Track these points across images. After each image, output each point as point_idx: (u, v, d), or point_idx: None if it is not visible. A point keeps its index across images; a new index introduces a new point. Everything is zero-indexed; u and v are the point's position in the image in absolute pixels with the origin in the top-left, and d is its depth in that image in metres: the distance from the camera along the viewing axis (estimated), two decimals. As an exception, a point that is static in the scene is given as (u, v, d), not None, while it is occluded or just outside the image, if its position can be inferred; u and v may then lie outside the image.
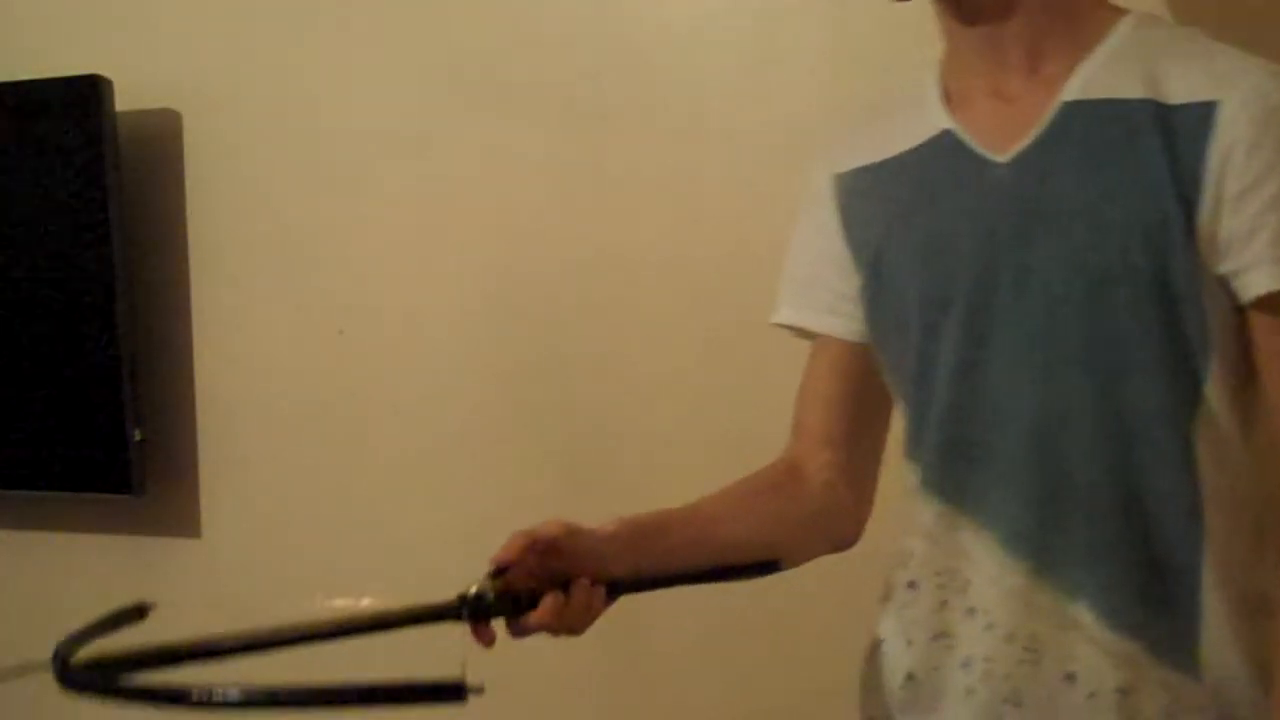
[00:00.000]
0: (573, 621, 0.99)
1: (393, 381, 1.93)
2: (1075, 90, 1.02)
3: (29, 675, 0.96)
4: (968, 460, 1.05)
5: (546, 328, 1.84)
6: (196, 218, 2.02)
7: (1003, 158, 1.04)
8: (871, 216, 1.13)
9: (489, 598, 0.95)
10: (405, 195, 1.90)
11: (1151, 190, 0.96)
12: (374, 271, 1.93)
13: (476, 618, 0.94)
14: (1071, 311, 0.99)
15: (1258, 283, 0.96)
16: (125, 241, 1.97)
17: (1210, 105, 0.96)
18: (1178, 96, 0.98)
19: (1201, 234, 0.96)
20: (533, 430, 1.85)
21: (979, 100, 1.07)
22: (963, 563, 1.05)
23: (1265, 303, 0.97)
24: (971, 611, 1.04)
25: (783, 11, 1.68)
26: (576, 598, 0.98)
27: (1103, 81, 1.01)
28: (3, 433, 2.08)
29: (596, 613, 1.00)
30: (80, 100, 1.94)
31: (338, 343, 1.95)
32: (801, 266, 1.20)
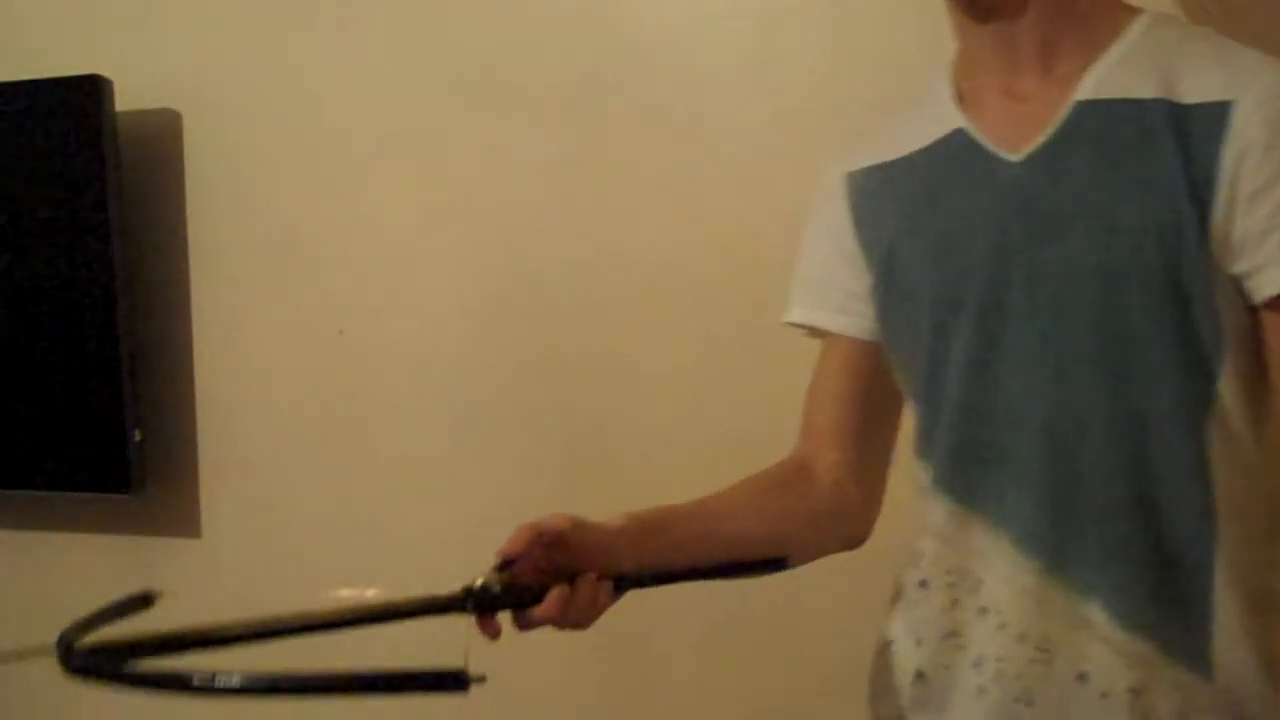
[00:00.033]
0: (578, 616, 0.98)
1: (393, 381, 1.93)
2: (1089, 90, 1.01)
3: (34, 660, 0.95)
4: (980, 460, 1.04)
5: (546, 328, 1.84)
6: (196, 218, 2.02)
7: (1015, 157, 1.03)
8: (883, 215, 1.12)
9: (495, 590, 0.94)
10: (405, 195, 1.90)
11: (1165, 190, 0.96)
12: (374, 271, 1.93)
13: (482, 610, 0.94)
14: (1084, 311, 0.99)
15: (1271, 283, 0.96)
16: (125, 241, 1.97)
17: (1225, 105, 0.96)
18: (1192, 96, 0.97)
19: (1215, 234, 0.96)
20: (533, 430, 1.85)
21: (991, 99, 1.07)
22: (975, 562, 1.05)
23: (1278, 303, 0.97)
24: (983, 611, 1.04)
25: (783, 11, 1.68)
26: (582, 592, 0.97)
27: (1117, 81, 1.01)
28: (3, 433, 2.07)
29: (602, 607, 1.00)
30: (80, 100, 1.94)
31: (338, 343, 1.95)
32: (813, 266, 1.20)
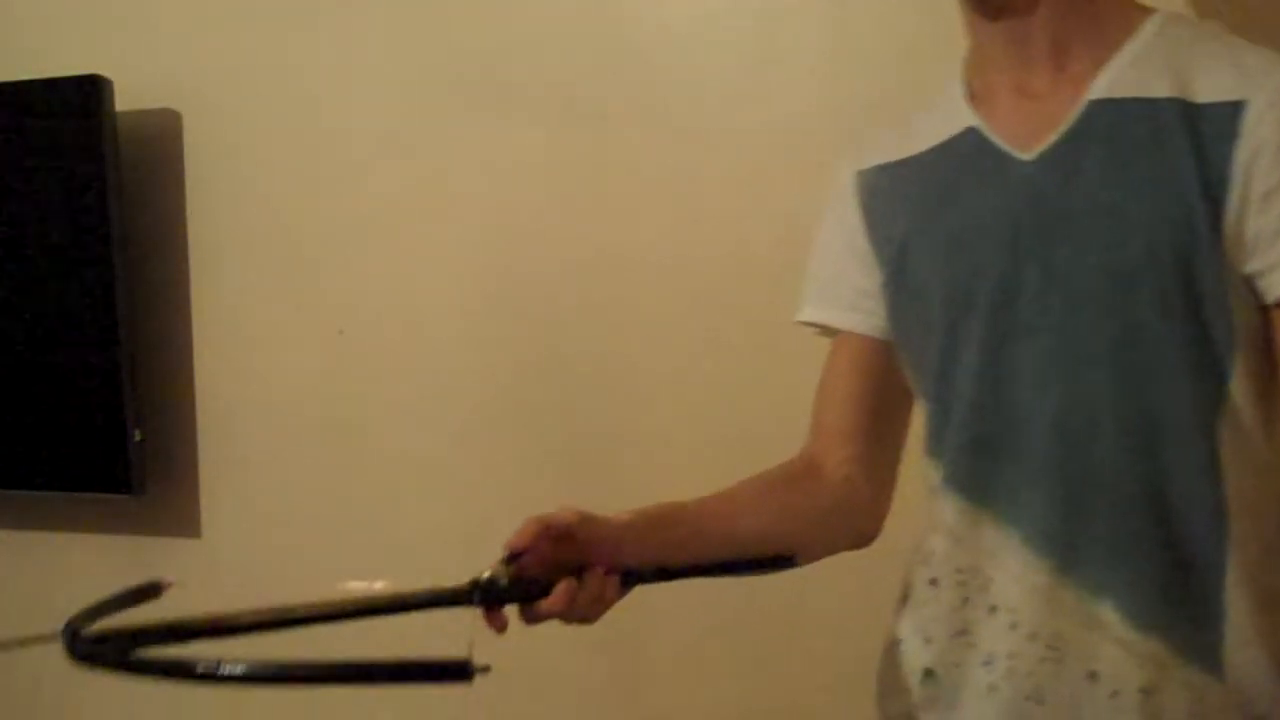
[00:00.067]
0: (585, 610, 0.97)
1: (393, 381, 1.93)
2: (1102, 89, 1.01)
3: (40, 648, 0.95)
4: (991, 458, 1.04)
5: (546, 328, 1.84)
6: (196, 218, 2.01)
7: (1028, 155, 1.03)
8: (894, 213, 1.12)
9: (502, 583, 0.93)
10: (405, 195, 1.90)
11: (1178, 189, 0.96)
12: (374, 271, 1.93)
13: (489, 603, 0.93)
14: (1096, 310, 0.99)
15: None
16: (125, 241, 1.97)
17: (1238, 105, 0.96)
18: (1205, 96, 0.97)
19: (1228, 233, 0.96)
20: (533, 430, 1.85)
21: (1003, 97, 1.07)
22: (985, 560, 1.04)
23: None
24: (994, 609, 1.04)
25: (783, 11, 1.68)
26: (590, 586, 0.97)
27: (1130, 80, 1.01)
28: (3, 433, 2.07)
29: (610, 602, 0.99)
30: (80, 100, 1.93)
31: (338, 343, 1.95)
32: (825, 265, 1.20)
